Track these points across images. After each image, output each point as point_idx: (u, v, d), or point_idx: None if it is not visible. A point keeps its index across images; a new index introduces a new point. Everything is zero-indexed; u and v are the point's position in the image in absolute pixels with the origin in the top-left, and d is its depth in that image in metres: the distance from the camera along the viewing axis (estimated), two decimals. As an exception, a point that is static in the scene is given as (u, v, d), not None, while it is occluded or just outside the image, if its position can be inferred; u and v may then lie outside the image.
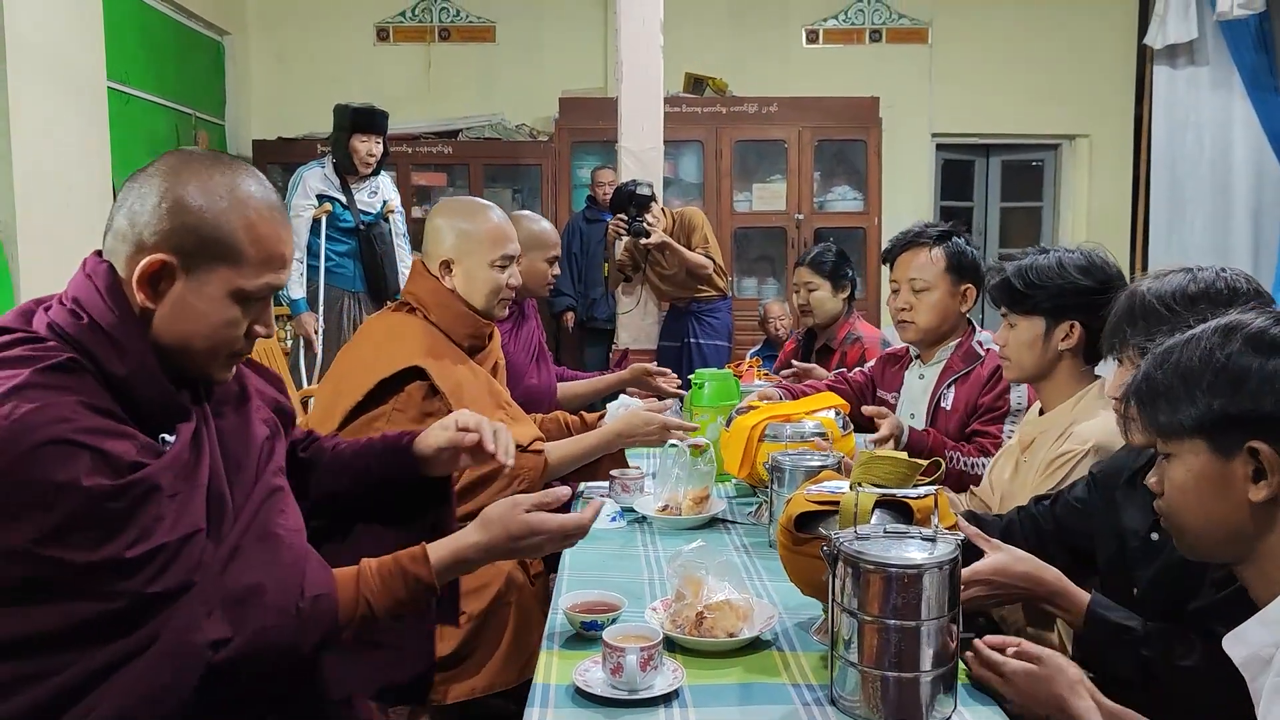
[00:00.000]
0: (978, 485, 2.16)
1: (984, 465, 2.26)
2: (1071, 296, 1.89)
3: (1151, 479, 1.17)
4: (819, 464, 1.85)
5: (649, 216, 4.59)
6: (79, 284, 1.19)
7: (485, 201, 2.32)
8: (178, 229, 1.16)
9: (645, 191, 4.59)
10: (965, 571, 1.41)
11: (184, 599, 1.11)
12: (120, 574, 1.07)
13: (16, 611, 1.06)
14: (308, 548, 1.30)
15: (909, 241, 2.54)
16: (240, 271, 1.19)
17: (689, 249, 4.69)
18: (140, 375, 1.16)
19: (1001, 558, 1.47)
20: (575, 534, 1.40)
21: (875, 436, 2.27)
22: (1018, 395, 2.33)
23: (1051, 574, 1.46)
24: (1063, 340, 1.91)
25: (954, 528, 1.33)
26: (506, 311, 2.33)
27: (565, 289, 5.86)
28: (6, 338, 1.15)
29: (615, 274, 5.01)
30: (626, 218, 4.61)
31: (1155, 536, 1.46)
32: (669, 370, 3.03)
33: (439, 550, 1.33)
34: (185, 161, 1.20)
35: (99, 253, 1.22)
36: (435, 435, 1.57)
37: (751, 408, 2.28)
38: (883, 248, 2.98)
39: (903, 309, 2.51)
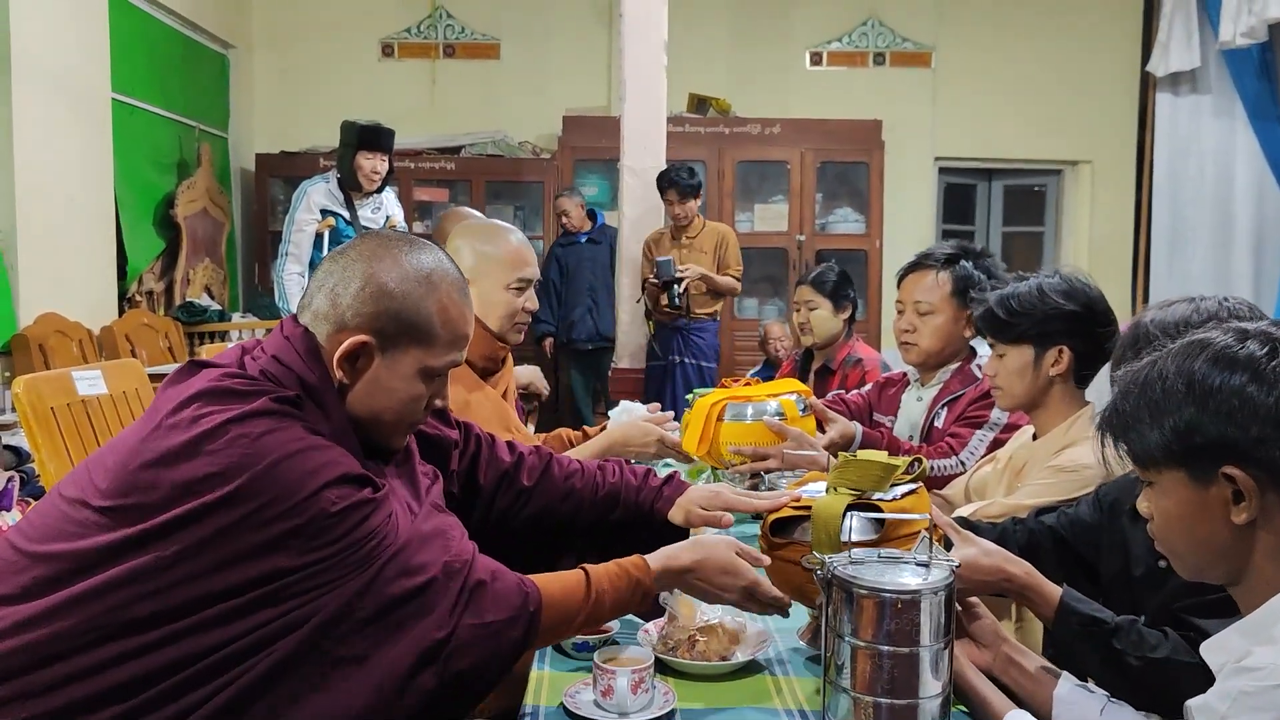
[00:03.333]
0: (940, 488, 2.16)
1: (945, 468, 2.27)
2: (1057, 321, 1.89)
3: (1141, 505, 1.15)
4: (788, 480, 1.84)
5: (686, 210, 4.75)
6: (278, 344, 1.26)
7: (505, 224, 2.32)
8: (379, 313, 1.25)
9: (675, 273, 4.69)
10: None
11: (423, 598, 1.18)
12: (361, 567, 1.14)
13: (238, 620, 1.11)
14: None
15: (916, 263, 2.53)
16: (431, 352, 1.28)
17: (722, 268, 4.85)
18: (341, 438, 1.23)
19: (970, 551, 1.43)
20: (761, 600, 1.41)
21: (823, 440, 2.25)
22: (999, 410, 2.32)
23: (1021, 567, 1.44)
24: (1053, 366, 1.90)
25: (933, 528, 1.31)
26: (521, 336, 2.31)
27: (544, 315, 5.87)
28: (231, 370, 1.23)
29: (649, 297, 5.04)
30: (667, 299, 4.72)
31: (1164, 564, 1.44)
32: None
33: (655, 562, 1.37)
34: (385, 246, 1.29)
35: (295, 318, 1.30)
36: (697, 514, 1.62)
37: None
38: (896, 271, 2.98)
39: (906, 330, 2.50)
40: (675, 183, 4.77)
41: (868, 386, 2.80)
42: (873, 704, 1.21)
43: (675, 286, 4.64)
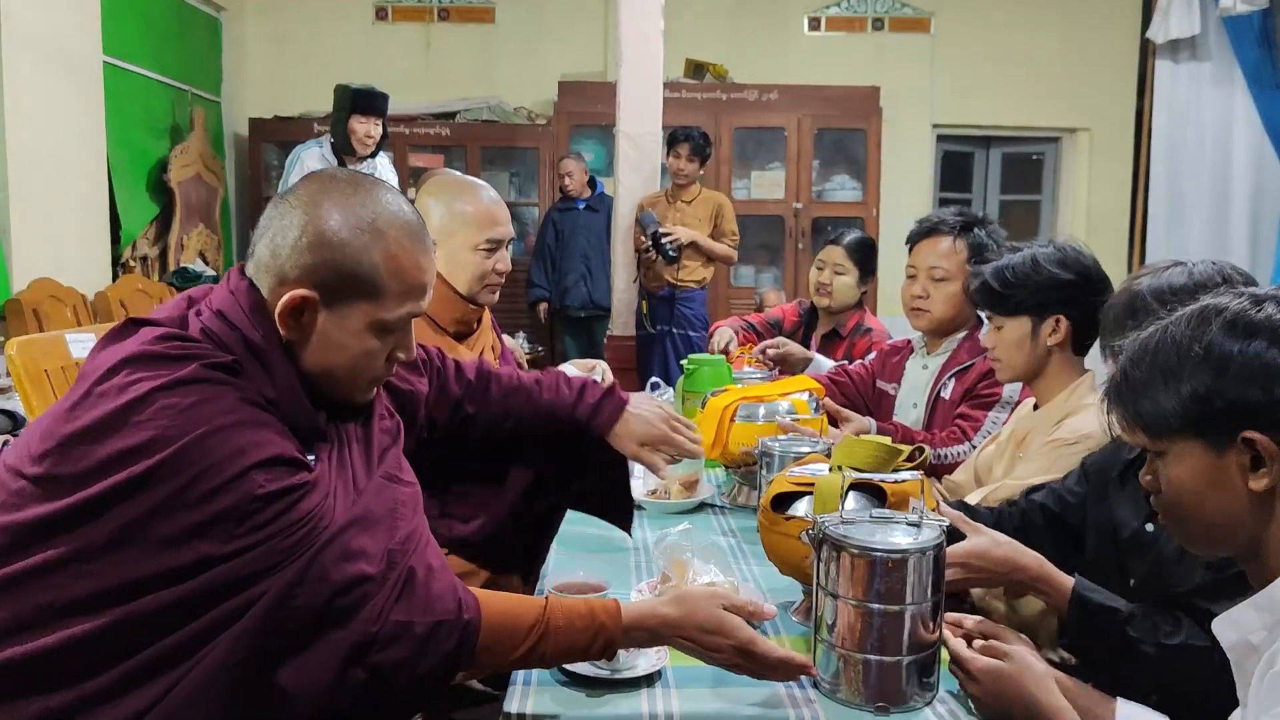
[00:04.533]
0: (950, 474, 2.15)
1: (958, 453, 2.26)
2: (1053, 291, 1.88)
3: (1146, 477, 1.12)
4: (808, 449, 1.84)
5: (670, 242, 4.64)
6: (224, 298, 1.19)
7: (478, 181, 2.23)
8: (319, 265, 1.16)
9: (656, 225, 4.63)
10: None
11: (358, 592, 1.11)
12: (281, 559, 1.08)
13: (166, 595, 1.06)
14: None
15: (931, 228, 2.49)
16: (381, 305, 1.19)
17: (718, 236, 4.79)
18: (287, 398, 1.17)
19: (981, 541, 1.45)
20: (760, 663, 1.22)
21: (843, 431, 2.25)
22: (1011, 387, 2.32)
23: (1032, 558, 1.45)
24: (1050, 335, 1.90)
25: (935, 509, 1.32)
26: (495, 297, 2.23)
27: (538, 280, 5.87)
28: (166, 332, 1.15)
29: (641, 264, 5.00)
30: (653, 251, 4.65)
31: (1150, 528, 1.45)
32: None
33: (630, 614, 1.23)
34: (325, 189, 1.19)
35: (242, 268, 1.21)
36: (639, 428, 1.63)
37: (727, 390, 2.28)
38: (906, 235, 2.95)
39: (919, 297, 2.47)
40: (690, 138, 4.74)
41: (871, 355, 2.78)
42: (861, 660, 1.22)
43: (662, 241, 4.57)
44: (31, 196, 4.16)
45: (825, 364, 2.93)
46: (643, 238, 4.69)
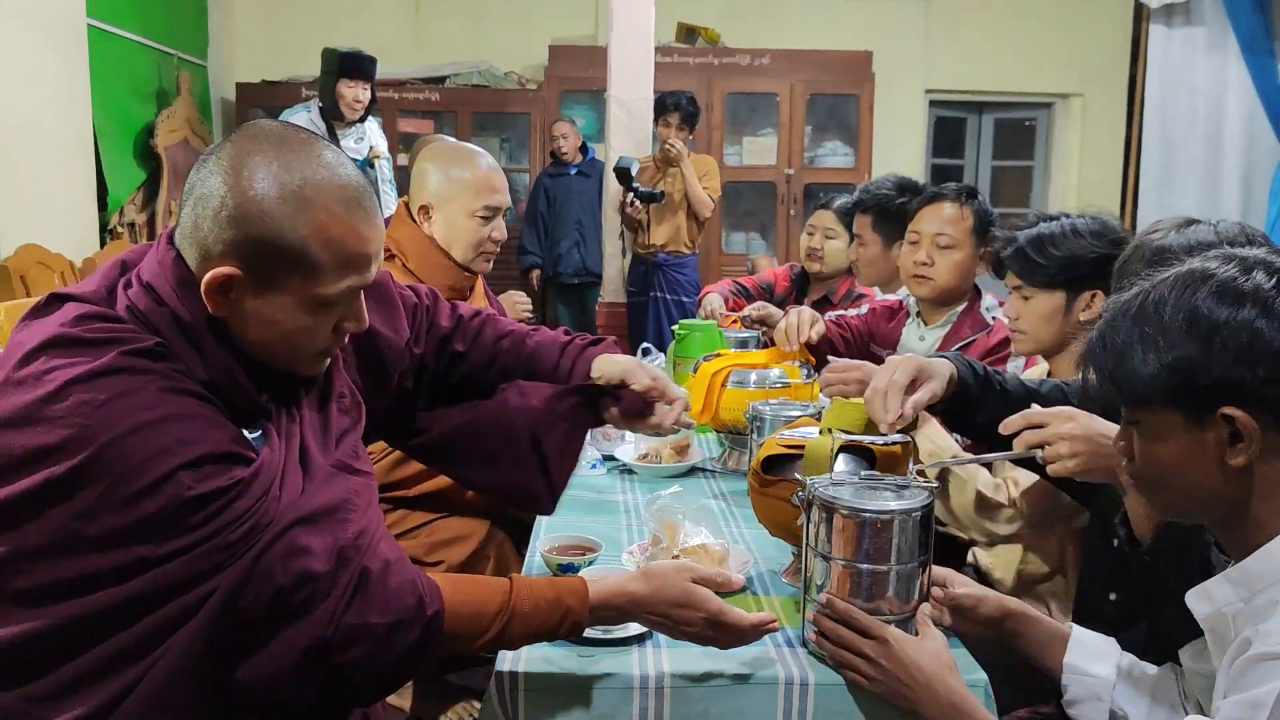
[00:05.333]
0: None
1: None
2: (1092, 265, 1.78)
3: (1119, 443, 1.09)
4: (797, 413, 1.85)
5: (681, 137, 4.60)
6: (152, 270, 1.10)
7: (476, 148, 2.23)
8: (241, 240, 1.05)
9: (632, 164, 4.58)
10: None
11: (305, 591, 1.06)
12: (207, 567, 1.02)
13: (89, 600, 1.01)
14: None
15: (934, 194, 2.43)
16: (315, 280, 1.08)
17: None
18: (220, 379, 1.09)
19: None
20: (731, 633, 1.22)
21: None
22: (1014, 363, 2.28)
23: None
24: (1084, 311, 1.81)
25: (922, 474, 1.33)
26: (490, 265, 2.23)
27: (531, 247, 5.83)
28: (88, 311, 1.07)
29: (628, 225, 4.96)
30: (633, 193, 4.60)
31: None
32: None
33: (596, 592, 1.20)
34: (249, 152, 1.07)
35: (172, 234, 1.12)
36: (612, 366, 1.52)
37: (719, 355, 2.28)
38: (854, 198, 2.94)
39: (923, 263, 2.37)
40: (679, 107, 4.71)
41: (864, 309, 2.72)
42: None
43: (634, 183, 4.53)
44: (16, 161, 4.12)
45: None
46: (630, 195, 4.63)
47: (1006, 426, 1.34)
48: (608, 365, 1.54)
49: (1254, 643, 0.94)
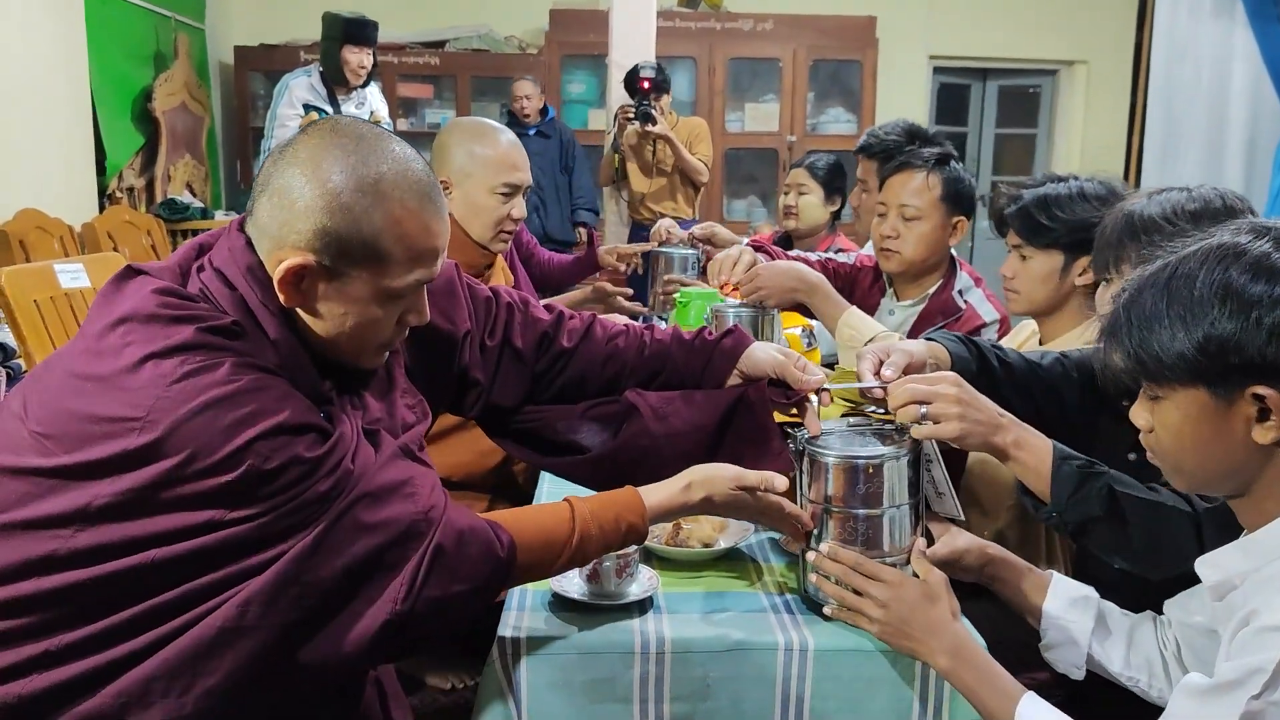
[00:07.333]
0: None
1: None
2: (1094, 230, 1.71)
3: (1139, 419, 1.08)
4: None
5: (658, 105, 4.53)
6: (223, 255, 1.13)
7: (498, 125, 2.20)
8: (318, 231, 1.08)
9: (649, 74, 4.48)
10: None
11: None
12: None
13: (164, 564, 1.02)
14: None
15: (903, 162, 2.35)
16: (386, 271, 1.11)
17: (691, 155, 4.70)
18: (288, 363, 1.11)
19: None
20: (774, 518, 1.30)
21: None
22: (988, 335, 2.21)
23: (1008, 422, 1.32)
24: (1080, 275, 1.79)
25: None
26: (507, 245, 2.19)
27: None
28: (164, 287, 1.10)
29: (609, 168, 4.89)
30: (634, 102, 4.53)
31: (1132, 457, 1.45)
32: (628, 289, 3.02)
33: (653, 503, 1.25)
34: (327, 148, 1.10)
35: (243, 222, 1.15)
36: (766, 357, 1.46)
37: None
38: (860, 143, 2.89)
39: (889, 236, 2.29)
40: (654, 84, 4.57)
41: (852, 257, 2.65)
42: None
43: (646, 105, 4.48)
44: (14, 126, 4.10)
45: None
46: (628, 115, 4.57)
47: (893, 393, 1.32)
48: (759, 357, 1.47)
49: (1260, 613, 0.95)
